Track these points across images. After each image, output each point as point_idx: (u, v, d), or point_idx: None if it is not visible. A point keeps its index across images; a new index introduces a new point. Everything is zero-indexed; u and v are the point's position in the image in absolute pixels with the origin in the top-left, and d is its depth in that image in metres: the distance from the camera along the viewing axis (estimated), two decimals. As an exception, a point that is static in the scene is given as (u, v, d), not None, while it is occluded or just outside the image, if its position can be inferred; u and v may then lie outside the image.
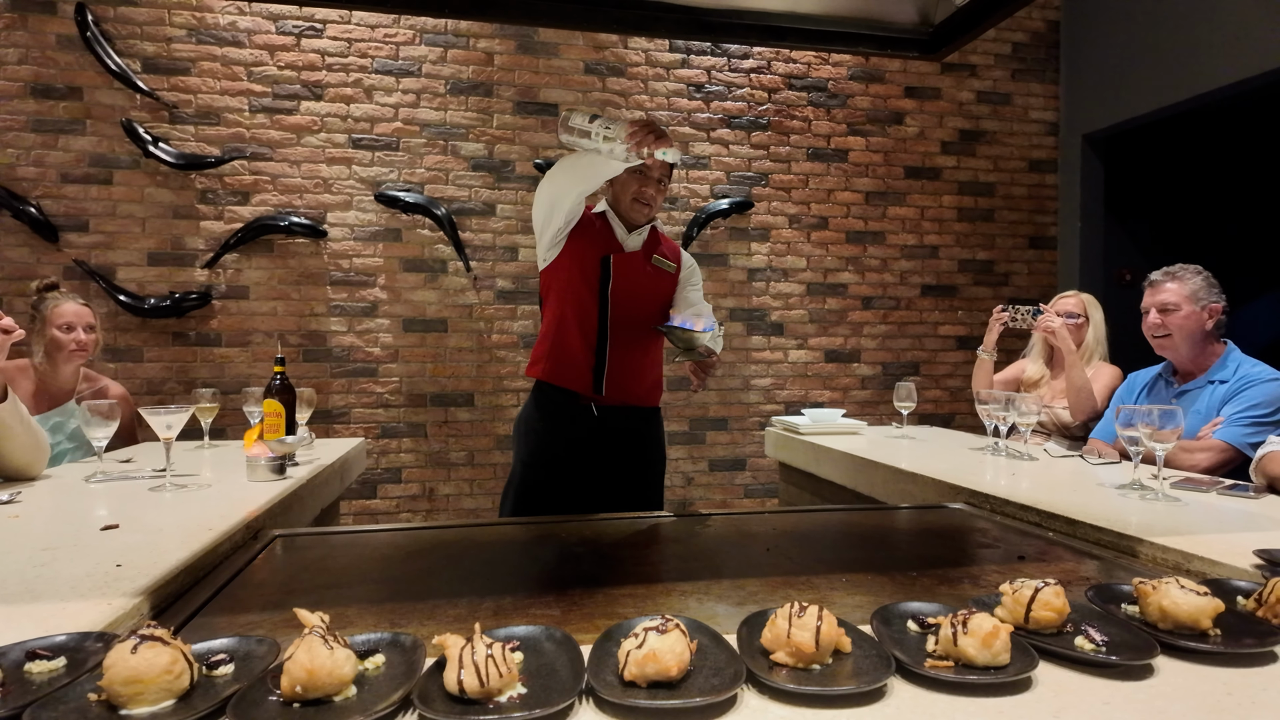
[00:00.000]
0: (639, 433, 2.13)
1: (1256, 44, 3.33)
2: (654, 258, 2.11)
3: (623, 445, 2.08)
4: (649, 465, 2.17)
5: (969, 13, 1.76)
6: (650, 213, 2.06)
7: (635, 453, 2.12)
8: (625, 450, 2.09)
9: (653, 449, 2.18)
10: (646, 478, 2.17)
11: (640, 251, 2.10)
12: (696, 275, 2.20)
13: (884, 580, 1.16)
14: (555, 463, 2.06)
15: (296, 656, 0.67)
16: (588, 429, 2.04)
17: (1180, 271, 2.17)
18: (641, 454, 2.14)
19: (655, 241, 2.14)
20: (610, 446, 2.06)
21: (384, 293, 3.69)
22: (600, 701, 0.69)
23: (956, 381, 4.29)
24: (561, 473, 2.05)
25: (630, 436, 2.10)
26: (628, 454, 2.10)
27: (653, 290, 2.11)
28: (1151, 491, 1.57)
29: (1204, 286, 2.13)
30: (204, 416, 2.29)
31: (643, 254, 2.10)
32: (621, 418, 2.08)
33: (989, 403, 2.14)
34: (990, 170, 4.31)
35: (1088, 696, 0.71)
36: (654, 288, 2.11)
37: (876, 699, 0.70)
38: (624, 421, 2.08)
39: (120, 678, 0.65)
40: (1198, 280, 2.14)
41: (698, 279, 2.20)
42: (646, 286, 2.09)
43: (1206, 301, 2.11)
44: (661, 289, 2.13)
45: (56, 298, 2.41)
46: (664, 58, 3.92)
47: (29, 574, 1.05)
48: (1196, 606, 0.82)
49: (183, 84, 3.47)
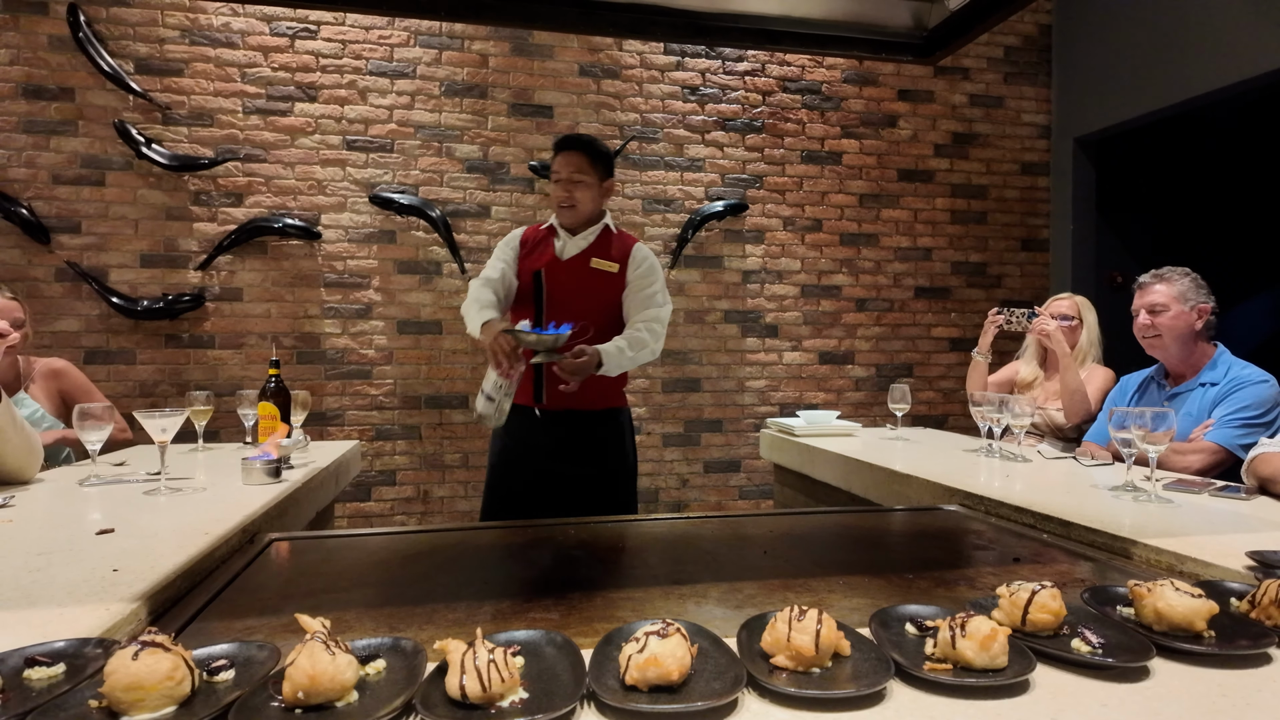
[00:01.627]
0: (589, 435, 2.14)
1: (1245, 49, 3.36)
2: (593, 261, 2.11)
3: (574, 447, 2.12)
4: (606, 466, 2.17)
5: (963, 17, 1.78)
6: (574, 213, 2.11)
7: (588, 454, 2.13)
8: (577, 452, 2.12)
9: (609, 450, 2.18)
10: (606, 478, 2.17)
11: (578, 256, 2.12)
12: (651, 274, 2.13)
13: (881, 583, 1.17)
14: (515, 465, 2.16)
15: (299, 662, 0.67)
16: (538, 433, 2.12)
17: (1168, 273, 2.19)
18: (596, 455, 2.15)
19: (603, 244, 2.14)
20: (561, 449, 2.11)
21: (378, 295, 3.68)
22: (602, 706, 0.69)
23: (950, 383, 4.31)
24: (521, 475, 2.14)
25: (580, 439, 2.12)
26: (581, 455, 2.12)
27: (593, 293, 2.10)
28: (1144, 493, 1.58)
29: (1192, 287, 2.15)
30: (198, 419, 2.27)
31: (581, 259, 2.12)
32: (569, 421, 2.11)
33: (983, 404, 2.15)
34: (983, 173, 4.33)
35: (1085, 698, 0.72)
36: (596, 292, 2.11)
37: (876, 702, 0.71)
38: (572, 425, 2.12)
39: (121, 684, 0.65)
40: (1185, 281, 2.16)
41: (651, 277, 2.13)
42: (586, 292, 2.10)
43: (1195, 302, 2.13)
44: (604, 291, 2.12)
45: None
46: (658, 60, 3.93)
47: (24, 579, 1.04)
48: (1191, 609, 0.83)
49: (176, 85, 3.46)
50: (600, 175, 2.12)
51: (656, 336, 2.08)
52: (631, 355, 2.01)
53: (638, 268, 2.13)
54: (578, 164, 2.08)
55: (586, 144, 2.13)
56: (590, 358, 1.89)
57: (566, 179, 2.08)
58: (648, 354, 2.07)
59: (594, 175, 2.10)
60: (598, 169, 2.11)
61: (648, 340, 2.05)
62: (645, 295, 2.11)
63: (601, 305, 2.11)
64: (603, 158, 2.14)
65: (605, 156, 2.15)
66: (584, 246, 2.12)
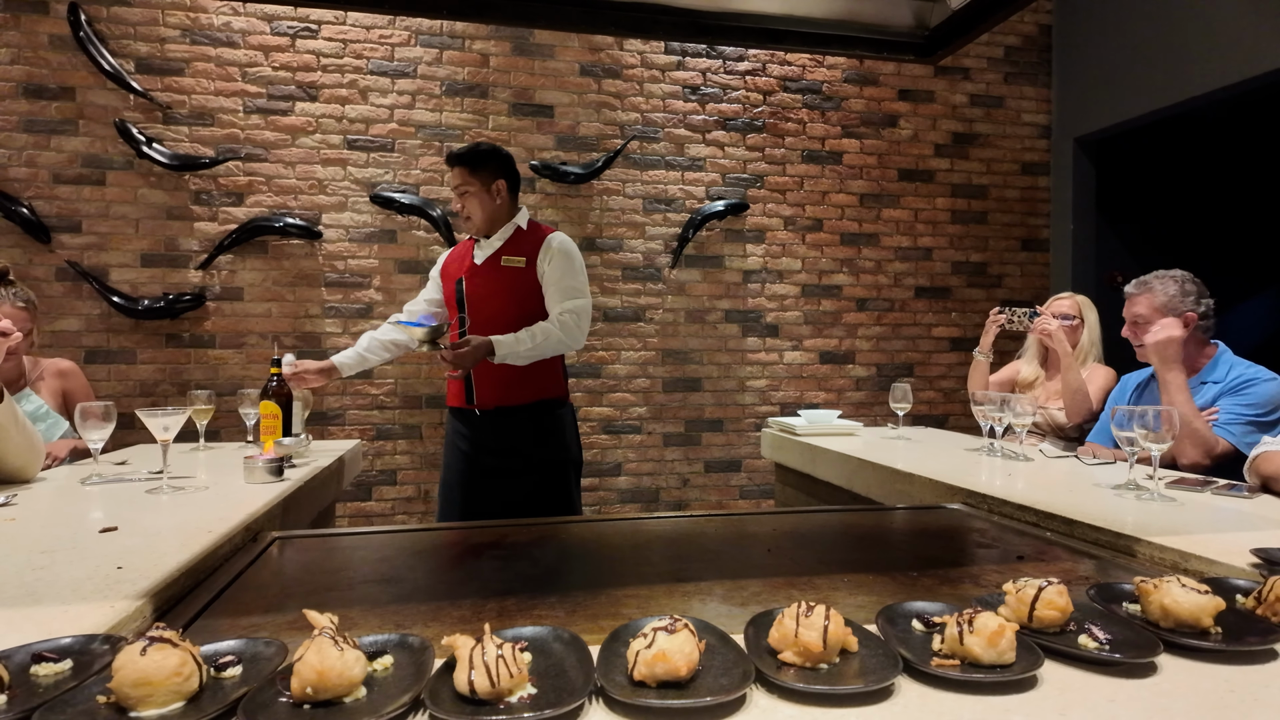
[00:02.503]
0: (526, 428, 2.22)
1: (1246, 49, 3.36)
2: (502, 259, 2.20)
3: (511, 442, 2.21)
4: (546, 456, 2.24)
5: (964, 16, 1.78)
6: (470, 224, 2.23)
7: (527, 447, 2.22)
8: (516, 446, 2.21)
9: (550, 442, 2.25)
10: (548, 470, 2.25)
11: (491, 258, 2.22)
12: (562, 261, 2.19)
13: (885, 580, 1.17)
14: (461, 465, 2.28)
15: (306, 658, 0.67)
16: (478, 430, 2.23)
17: (1154, 282, 2.15)
18: (535, 447, 2.23)
19: (515, 242, 2.23)
20: (500, 444, 2.21)
21: (379, 294, 3.68)
22: (610, 701, 0.69)
23: (950, 383, 4.31)
24: (467, 473, 2.26)
25: (517, 433, 2.21)
26: (520, 449, 2.21)
27: (510, 290, 2.19)
28: (1147, 491, 1.58)
29: (1178, 295, 2.10)
30: (200, 418, 2.27)
31: (493, 259, 2.21)
32: (503, 418, 2.21)
33: (984, 404, 2.15)
34: (983, 173, 4.33)
35: (1092, 694, 0.72)
36: (507, 288, 2.19)
37: (884, 698, 0.71)
38: (507, 420, 2.21)
39: (129, 680, 0.64)
40: (1171, 290, 2.11)
41: (563, 265, 2.19)
42: (501, 291, 2.19)
43: (1181, 311, 2.08)
44: (517, 286, 2.20)
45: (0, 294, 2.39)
46: (659, 60, 3.93)
47: (28, 577, 1.04)
48: (1198, 605, 0.83)
49: (176, 84, 3.45)
50: (485, 180, 2.19)
51: (567, 328, 2.12)
52: (531, 345, 2.06)
53: (549, 259, 2.19)
54: (460, 177, 2.19)
55: (461, 156, 2.21)
56: (474, 347, 1.99)
57: (455, 193, 2.22)
58: (555, 344, 2.11)
59: (477, 182, 2.18)
60: (480, 175, 2.19)
61: (554, 331, 2.09)
62: (561, 287, 2.17)
63: (517, 300, 2.19)
64: (483, 161, 2.19)
65: (487, 159, 2.20)
66: (497, 247, 2.22)
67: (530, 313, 2.18)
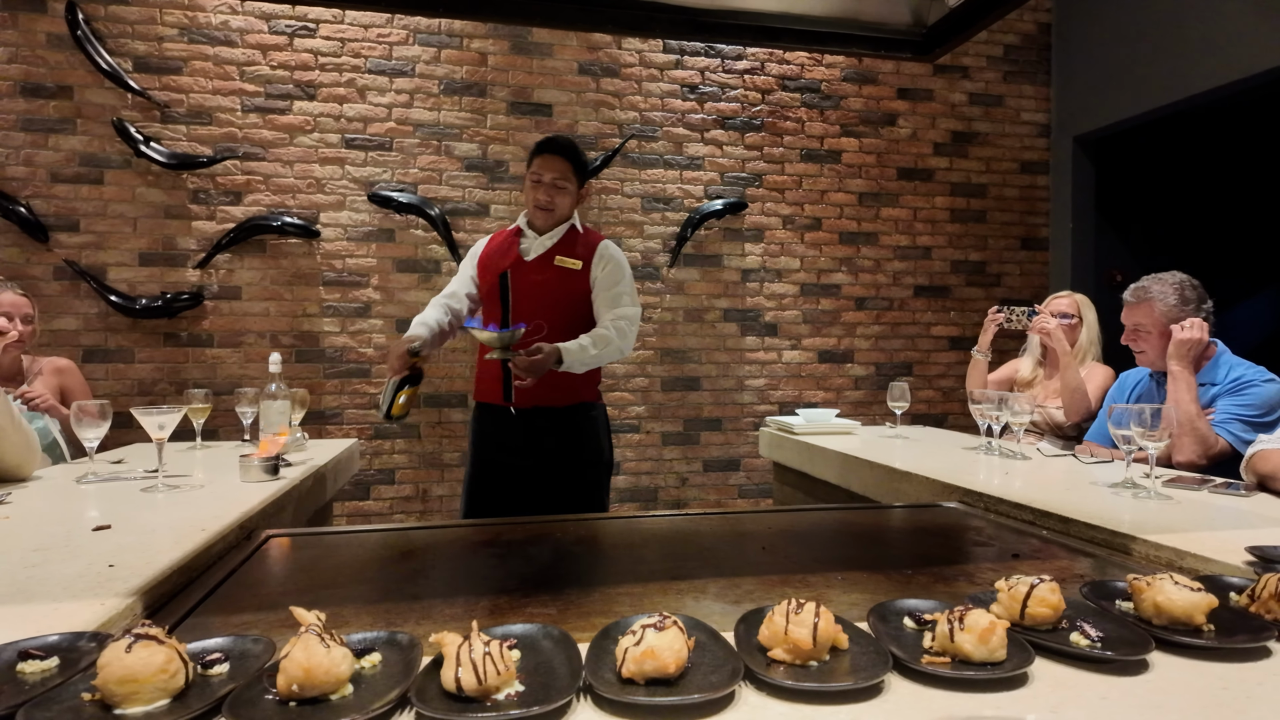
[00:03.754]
0: (563, 430, 2.16)
1: (1245, 47, 3.35)
2: (556, 259, 2.13)
3: (548, 443, 2.14)
4: (582, 459, 2.19)
5: (962, 14, 1.78)
6: (551, 216, 2.14)
7: (563, 449, 2.15)
8: (552, 448, 2.14)
9: (584, 444, 2.20)
10: (581, 472, 2.19)
11: (543, 256, 2.14)
12: (616, 271, 2.15)
13: (880, 578, 1.16)
14: (491, 464, 2.20)
15: (293, 655, 0.66)
16: (512, 430, 2.14)
17: (1154, 288, 2.13)
18: (571, 450, 2.17)
19: (568, 242, 2.16)
20: (535, 445, 2.14)
21: (377, 293, 3.67)
22: (598, 699, 0.69)
23: (949, 382, 4.30)
24: (497, 473, 2.18)
25: (554, 434, 2.14)
26: (555, 451, 2.15)
27: (559, 291, 2.12)
28: (1144, 490, 1.57)
29: (1177, 303, 2.09)
30: (196, 417, 2.27)
31: (545, 258, 2.14)
32: (541, 418, 2.13)
33: (982, 402, 2.15)
34: (982, 172, 4.33)
35: (1085, 691, 0.71)
36: (560, 290, 2.12)
37: (874, 695, 0.70)
38: (545, 421, 2.14)
39: (115, 677, 0.64)
40: (1170, 297, 2.09)
41: (617, 275, 2.14)
42: (551, 291, 2.12)
43: (1180, 318, 2.06)
44: (570, 289, 2.13)
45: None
46: (658, 58, 3.92)
47: (20, 575, 1.04)
48: (1191, 602, 0.82)
49: (174, 83, 3.45)
50: (579, 182, 2.16)
51: (624, 335, 2.08)
52: (595, 353, 2.01)
53: (602, 265, 2.14)
54: (561, 170, 2.11)
55: (571, 150, 2.15)
56: (546, 355, 1.91)
57: (549, 184, 2.10)
58: (614, 352, 2.07)
59: (574, 182, 2.14)
60: (578, 176, 2.15)
61: (613, 338, 2.05)
62: (612, 294, 2.13)
63: (566, 302, 2.12)
64: (584, 166, 2.17)
65: (585, 165, 2.19)
66: (549, 245, 2.15)
67: (576, 316, 2.12)
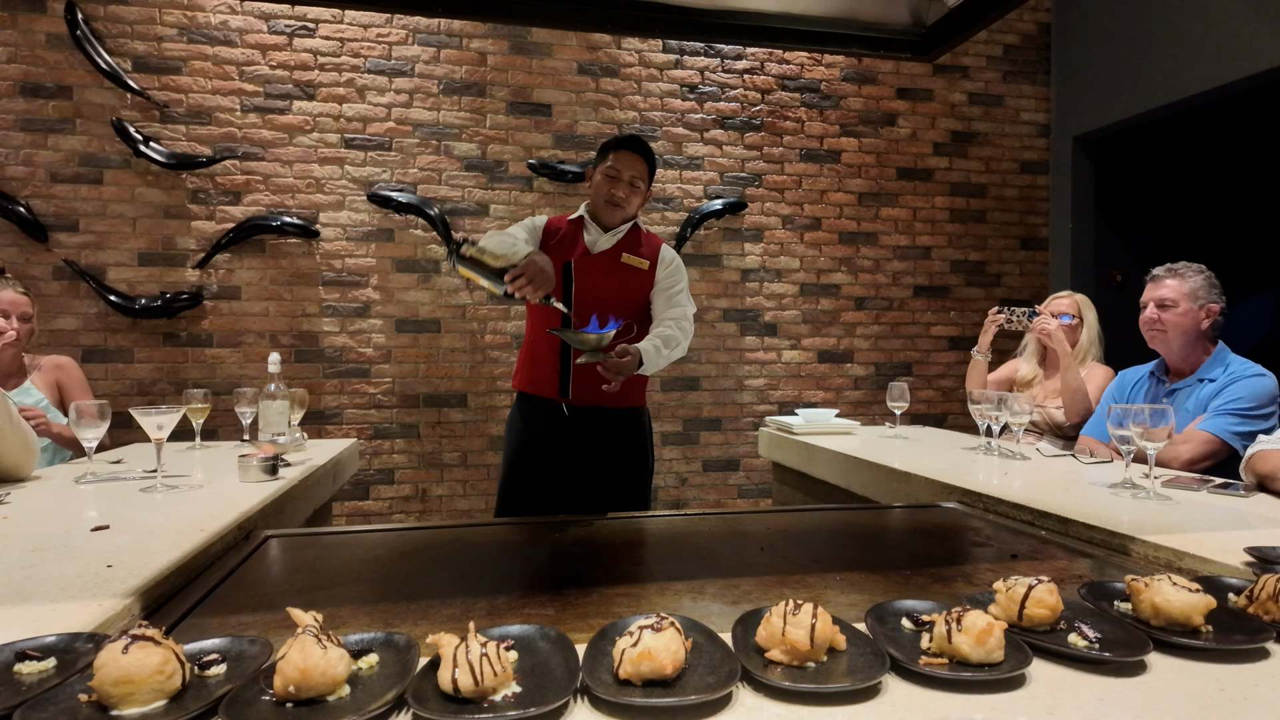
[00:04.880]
0: (613, 433, 2.13)
1: (1245, 47, 3.35)
2: (623, 256, 2.11)
3: (597, 445, 2.11)
4: (628, 465, 2.16)
5: (961, 14, 1.77)
6: (623, 213, 2.10)
7: (611, 452, 2.12)
8: (600, 450, 2.11)
9: (631, 449, 2.16)
10: (627, 477, 2.16)
11: (609, 251, 2.11)
12: (678, 274, 2.15)
13: (878, 579, 1.16)
14: (533, 462, 2.14)
15: (290, 656, 0.66)
16: (561, 429, 2.10)
17: (1183, 269, 2.18)
18: (618, 454, 2.14)
19: (633, 241, 2.13)
20: (584, 446, 2.10)
21: (376, 293, 3.67)
22: (595, 700, 0.69)
23: (949, 382, 4.30)
24: (540, 472, 2.13)
25: (604, 437, 2.11)
26: (603, 454, 2.11)
27: (623, 290, 2.10)
28: (1143, 490, 1.57)
29: (1204, 286, 2.14)
30: (195, 417, 2.27)
31: (612, 254, 2.11)
32: (593, 418, 2.10)
33: (982, 402, 2.14)
34: (982, 171, 4.33)
35: (1082, 693, 0.71)
36: (624, 288, 2.10)
37: (871, 696, 0.70)
38: (597, 422, 2.10)
39: (111, 678, 0.64)
40: (1199, 279, 2.15)
41: (678, 277, 2.15)
42: (615, 287, 2.09)
43: (1205, 301, 2.12)
44: (633, 288, 2.11)
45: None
46: (657, 58, 3.92)
47: (18, 575, 1.04)
48: (1189, 603, 0.82)
49: (174, 83, 3.45)
50: (650, 180, 2.15)
51: (687, 335, 2.08)
52: (667, 354, 2.00)
53: (667, 267, 2.15)
54: (640, 170, 2.08)
55: (650, 152, 2.12)
56: (634, 357, 1.86)
57: (627, 181, 2.06)
58: (680, 352, 2.07)
59: (647, 183, 2.12)
60: (652, 175, 2.14)
61: (680, 338, 2.05)
62: (672, 294, 2.13)
63: (629, 301, 2.10)
64: (655, 170, 2.16)
65: (656, 169, 2.18)
66: (615, 241, 2.12)
67: (636, 314, 2.09)
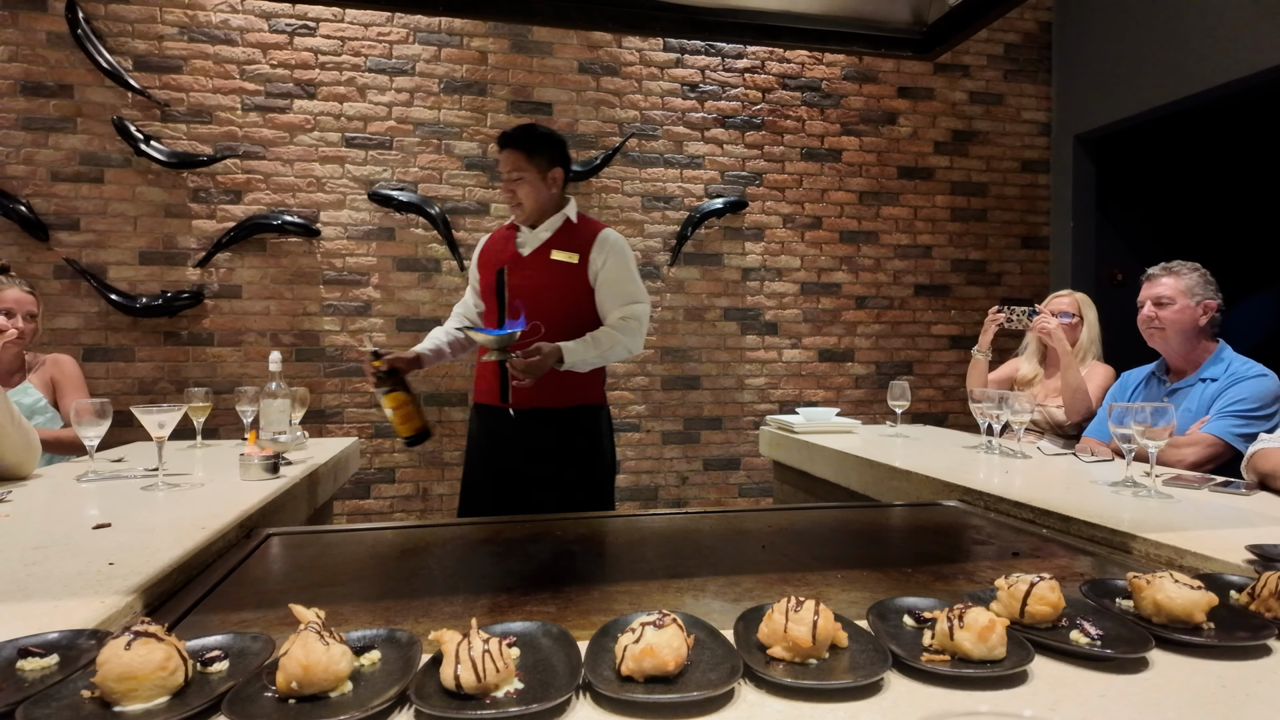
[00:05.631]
0: (563, 435, 2.09)
1: (1246, 45, 3.35)
2: (553, 253, 2.07)
3: (545, 445, 2.08)
4: (580, 464, 2.12)
5: (962, 12, 1.77)
6: (523, 211, 2.09)
7: (562, 456, 2.09)
8: (551, 453, 2.08)
9: (584, 451, 2.13)
10: (581, 477, 2.12)
11: (539, 250, 2.08)
12: (616, 261, 2.08)
13: (879, 576, 1.16)
14: (486, 466, 2.16)
15: (292, 652, 0.66)
16: (510, 432, 2.09)
17: (1178, 267, 2.19)
18: (570, 456, 2.10)
19: (563, 235, 2.09)
20: (535, 451, 2.08)
21: (377, 292, 3.67)
22: (597, 696, 0.69)
23: (950, 380, 4.30)
24: (493, 476, 2.14)
25: (552, 437, 2.08)
26: (554, 457, 2.08)
27: (557, 287, 2.06)
28: (1144, 489, 1.57)
29: (1200, 283, 2.15)
30: (196, 416, 2.27)
31: (541, 253, 2.08)
32: (540, 419, 2.07)
33: (983, 401, 2.14)
34: (983, 170, 4.33)
35: (1084, 689, 0.71)
36: (558, 285, 2.06)
37: (873, 693, 0.70)
38: (543, 423, 2.07)
39: (114, 674, 0.64)
40: (1194, 276, 2.16)
41: (618, 265, 2.08)
42: (548, 285, 2.05)
43: (1202, 298, 2.13)
44: (568, 284, 2.06)
45: (2, 282, 2.43)
46: (658, 57, 3.92)
47: (20, 572, 1.04)
48: (1190, 600, 0.82)
49: (174, 82, 3.45)
50: (542, 167, 2.06)
51: (632, 334, 2.03)
52: (599, 352, 1.97)
53: (603, 258, 2.06)
54: (514, 161, 2.05)
55: (520, 139, 2.07)
56: (545, 355, 1.85)
57: (506, 178, 2.07)
58: (621, 351, 2.02)
59: (533, 169, 2.05)
60: (536, 161, 2.05)
61: (620, 338, 2.00)
62: (618, 290, 2.06)
63: (566, 299, 2.05)
64: (540, 146, 2.07)
65: (543, 144, 2.08)
66: (544, 239, 2.08)
67: (579, 312, 2.06)
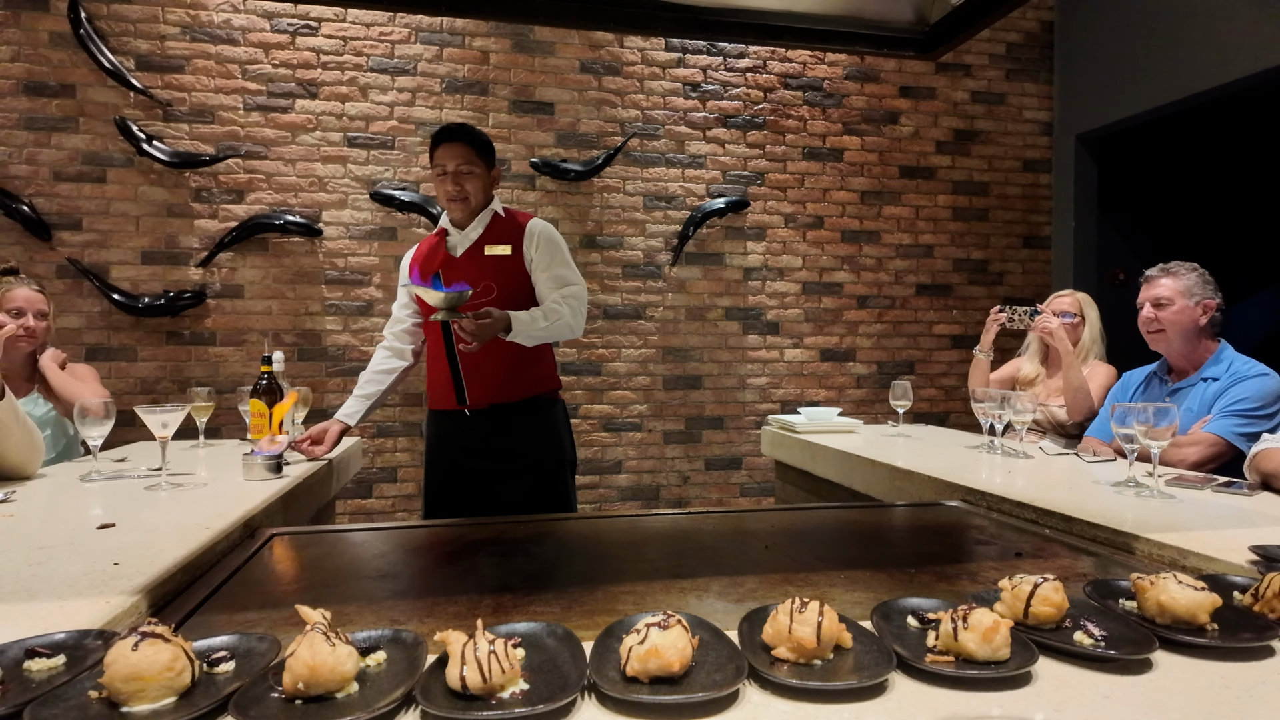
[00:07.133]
0: (520, 429, 2.11)
1: (1248, 45, 3.35)
2: (485, 249, 2.07)
3: (505, 444, 2.09)
4: (541, 460, 2.13)
5: (965, 12, 1.77)
6: (468, 206, 2.06)
7: (521, 450, 2.10)
8: (510, 449, 2.10)
9: (543, 443, 2.14)
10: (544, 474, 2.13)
11: (471, 249, 2.08)
12: (549, 247, 2.08)
13: (882, 577, 1.16)
14: (445, 467, 2.16)
15: (299, 653, 0.67)
16: (468, 433, 2.10)
17: (1176, 268, 2.19)
18: (529, 450, 2.11)
19: (494, 229, 2.09)
20: (493, 448, 2.09)
21: (379, 291, 3.68)
22: (603, 697, 0.69)
23: (951, 380, 4.30)
24: (454, 477, 2.14)
25: (511, 434, 2.10)
26: (513, 452, 2.10)
27: (497, 280, 2.05)
28: (1147, 489, 1.57)
29: (1198, 283, 2.15)
30: (199, 416, 2.28)
31: (474, 250, 2.08)
32: (496, 416, 2.09)
33: (984, 401, 2.14)
34: (985, 170, 4.32)
35: (1088, 690, 0.72)
36: (497, 277, 2.06)
37: (878, 694, 0.70)
38: (500, 420, 2.09)
39: (121, 675, 0.64)
40: (1192, 277, 2.16)
41: (550, 250, 2.08)
42: (488, 280, 2.04)
43: (1201, 298, 2.13)
44: (506, 277, 2.06)
45: (10, 283, 2.40)
46: (660, 57, 3.92)
47: (25, 572, 1.04)
48: (1194, 601, 0.82)
49: (176, 82, 3.45)
50: (487, 164, 2.08)
51: (575, 312, 2.03)
52: (546, 324, 1.97)
53: (535, 245, 2.07)
54: (463, 155, 2.03)
55: (467, 133, 2.07)
56: (495, 319, 1.85)
57: (454, 172, 2.03)
58: (564, 328, 2.01)
59: (481, 165, 2.06)
60: (484, 158, 2.07)
61: (564, 314, 2.00)
62: (553, 274, 2.07)
63: (506, 292, 2.05)
64: (487, 147, 2.09)
65: (488, 145, 2.10)
66: (475, 237, 2.09)
67: (520, 302, 2.05)
